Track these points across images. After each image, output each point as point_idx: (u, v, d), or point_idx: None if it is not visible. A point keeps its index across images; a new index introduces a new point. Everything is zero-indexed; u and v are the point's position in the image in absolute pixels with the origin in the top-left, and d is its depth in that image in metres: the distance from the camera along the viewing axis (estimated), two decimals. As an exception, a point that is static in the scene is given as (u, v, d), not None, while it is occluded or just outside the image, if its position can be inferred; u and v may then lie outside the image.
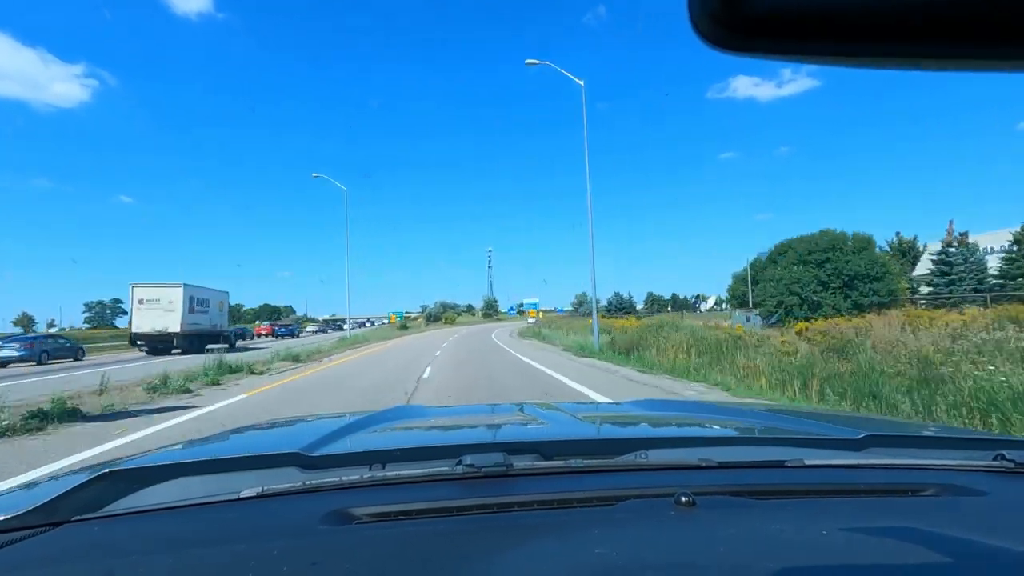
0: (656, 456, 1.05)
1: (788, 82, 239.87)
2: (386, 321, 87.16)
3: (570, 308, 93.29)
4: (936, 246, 38.50)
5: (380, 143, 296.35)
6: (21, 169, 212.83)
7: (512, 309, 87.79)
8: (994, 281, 33.29)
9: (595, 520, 0.81)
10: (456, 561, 0.70)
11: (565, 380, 10.88)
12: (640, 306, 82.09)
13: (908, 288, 36.06)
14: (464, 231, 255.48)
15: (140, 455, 1.31)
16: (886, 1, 0.34)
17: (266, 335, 56.74)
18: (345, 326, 39.47)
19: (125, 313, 26.99)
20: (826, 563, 0.70)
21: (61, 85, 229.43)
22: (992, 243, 39.11)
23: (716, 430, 1.52)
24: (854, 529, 0.77)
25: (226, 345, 28.78)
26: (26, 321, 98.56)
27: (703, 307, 73.92)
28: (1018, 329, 9.59)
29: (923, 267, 40.63)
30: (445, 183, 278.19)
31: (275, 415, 6.89)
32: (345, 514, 0.83)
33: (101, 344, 44.14)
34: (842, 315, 24.09)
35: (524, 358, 17.05)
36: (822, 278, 30.98)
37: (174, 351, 26.07)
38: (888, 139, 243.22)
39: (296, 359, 18.16)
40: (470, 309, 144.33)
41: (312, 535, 0.78)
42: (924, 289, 36.23)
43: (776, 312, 31.94)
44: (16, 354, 23.83)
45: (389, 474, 0.97)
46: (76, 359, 26.62)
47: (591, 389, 9.38)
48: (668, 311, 71.45)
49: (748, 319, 28.18)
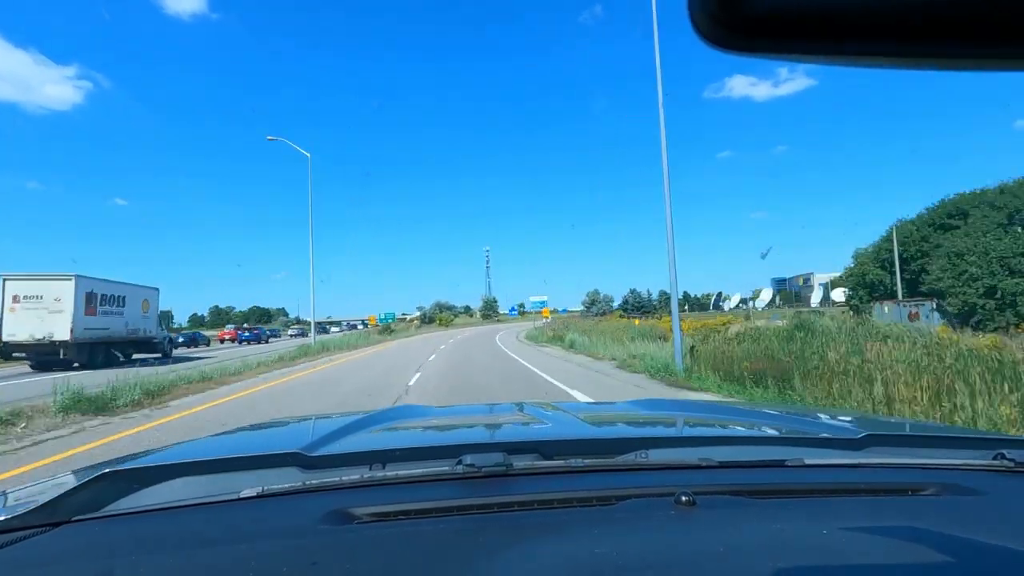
0: (656, 456, 1.04)
1: (785, 81, 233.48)
2: (362, 325, 74.06)
3: (580, 308, 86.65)
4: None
5: (380, 143, 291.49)
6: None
7: (513, 310, 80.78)
8: None
9: (595, 520, 0.81)
10: (456, 561, 0.70)
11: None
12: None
13: None
14: (463, 231, 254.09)
15: (140, 455, 1.30)
16: (886, 1, 0.34)
17: (230, 340, 49.14)
18: (310, 332, 31.67)
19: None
20: (826, 563, 0.70)
21: (53, 87, 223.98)
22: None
23: (716, 430, 1.52)
24: (854, 528, 0.77)
25: (157, 355, 23.63)
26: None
27: (726, 306, 66.73)
28: None
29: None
30: (445, 183, 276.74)
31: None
32: (345, 514, 0.83)
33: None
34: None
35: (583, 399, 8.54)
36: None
37: (74, 365, 18.83)
38: (888, 138, 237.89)
39: (206, 378, 13.02)
40: (468, 310, 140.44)
41: (312, 535, 0.78)
42: None
43: (983, 305, 20.48)
44: None
45: (389, 474, 0.96)
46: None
47: None
48: (685, 311, 64.92)
49: (912, 316, 18.60)
